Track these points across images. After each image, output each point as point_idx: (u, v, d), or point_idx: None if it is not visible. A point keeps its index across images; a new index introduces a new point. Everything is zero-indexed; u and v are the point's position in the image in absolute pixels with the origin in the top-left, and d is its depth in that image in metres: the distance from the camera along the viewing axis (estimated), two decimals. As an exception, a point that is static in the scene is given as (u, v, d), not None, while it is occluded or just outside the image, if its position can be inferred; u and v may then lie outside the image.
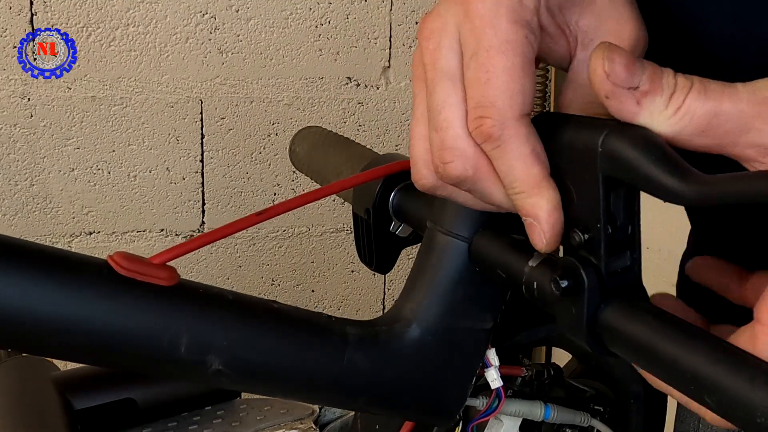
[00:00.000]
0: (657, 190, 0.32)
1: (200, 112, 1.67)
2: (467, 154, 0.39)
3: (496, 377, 0.47)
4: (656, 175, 0.32)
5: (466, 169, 0.39)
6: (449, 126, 0.39)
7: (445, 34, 0.39)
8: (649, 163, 0.32)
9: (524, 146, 0.37)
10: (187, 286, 0.41)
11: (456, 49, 0.39)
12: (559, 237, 0.38)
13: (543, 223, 0.37)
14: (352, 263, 1.84)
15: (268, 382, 0.43)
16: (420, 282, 0.46)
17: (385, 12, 1.73)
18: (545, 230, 0.37)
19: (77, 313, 0.37)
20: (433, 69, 0.40)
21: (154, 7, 1.59)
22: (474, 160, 0.39)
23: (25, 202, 1.62)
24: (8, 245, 0.37)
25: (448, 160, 0.39)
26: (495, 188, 0.39)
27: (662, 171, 0.32)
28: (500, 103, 0.37)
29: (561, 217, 0.37)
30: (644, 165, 0.33)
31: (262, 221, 0.44)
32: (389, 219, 0.57)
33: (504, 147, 0.37)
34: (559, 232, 0.38)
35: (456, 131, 0.39)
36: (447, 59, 0.39)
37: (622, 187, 0.35)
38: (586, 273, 0.36)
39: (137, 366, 0.41)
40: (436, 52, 0.40)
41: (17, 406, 0.70)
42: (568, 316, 0.37)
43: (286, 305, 0.44)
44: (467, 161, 0.39)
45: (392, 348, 0.45)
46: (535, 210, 0.37)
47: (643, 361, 0.34)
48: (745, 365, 0.30)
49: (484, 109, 0.37)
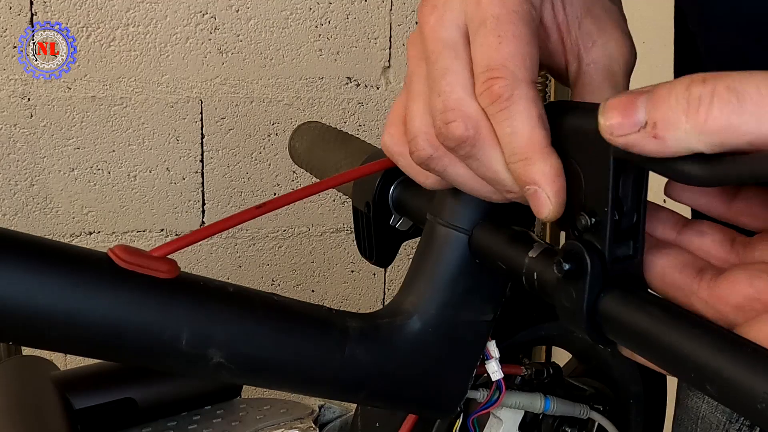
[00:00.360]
0: (671, 171, 0.32)
1: (200, 112, 1.67)
2: (470, 114, 0.39)
3: (497, 369, 0.47)
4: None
5: (468, 128, 0.39)
6: (452, 90, 0.39)
7: (448, 8, 0.40)
8: None
9: (533, 108, 0.37)
10: (188, 279, 0.41)
11: (459, 23, 0.40)
12: (563, 206, 0.37)
13: (547, 188, 0.37)
14: (352, 263, 1.84)
15: (269, 375, 0.43)
16: (420, 274, 0.46)
17: (385, 12, 1.73)
18: (550, 195, 0.37)
19: (78, 306, 0.37)
20: (434, 40, 0.40)
21: (154, 7, 1.60)
22: (476, 121, 0.39)
23: (25, 202, 1.62)
24: (9, 238, 0.37)
25: (450, 119, 0.39)
26: (494, 154, 0.39)
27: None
28: (512, 65, 0.37)
29: (564, 184, 0.37)
30: None
31: (262, 214, 0.44)
32: (389, 212, 0.57)
33: (512, 108, 0.37)
34: (563, 201, 0.37)
35: (459, 94, 0.39)
36: (449, 31, 0.40)
37: (631, 173, 0.35)
38: (590, 257, 0.36)
39: (137, 359, 0.41)
40: (438, 25, 0.40)
41: (17, 405, 0.70)
42: (567, 302, 0.37)
43: (286, 298, 0.44)
44: (469, 121, 0.39)
45: (393, 341, 0.45)
46: (538, 176, 0.37)
47: (644, 350, 0.34)
48: (746, 352, 0.30)
49: (496, 70, 0.37)
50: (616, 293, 0.36)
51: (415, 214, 0.55)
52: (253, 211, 0.44)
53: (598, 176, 0.36)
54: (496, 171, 0.39)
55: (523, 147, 0.37)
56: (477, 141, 0.39)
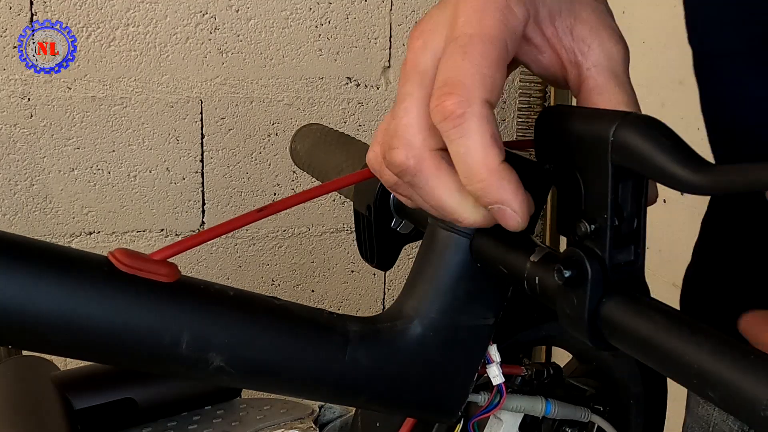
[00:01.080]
0: (668, 179, 0.32)
1: (200, 112, 1.67)
2: (413, 144, 0.39)
3: (498, 373, 0.47)
4: (668, 164, 0.32)
5: (408, 158, 0.39)
6: (405, 115, 0.39)
7: (432, 36, 0.40)
8: (661, 153, 0.32)
9: (485, 127, 0.36)
10: (188, 282, 0.41)
11: (437, 52, 0.39)
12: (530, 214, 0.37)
13: (513, 204, 0.37)
14: (352, 263, 1.84)
15: (270, 379, 0.43)
16: (421, 278, 0.46)
17: (385, 12, 1.73)
18: (516, 209, 0.37)
19: (78, 310, 0.37)
20: (411, 65, 0.40)
21: (154, 7, 1.59)
22: (418, 152, 0.39)
23: (25, 202, 1.62)
24: (8, 241, 0.37)
25: (394, 146, 0.39)
26: (437, 184, 0.39)
27: (674, 161, 0.32)
28: (469, 82, 0.36)
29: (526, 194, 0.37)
30: (656, 155, 0.33)
31: (262, 218, 0.44)
32: (390, 216, 0.57)
33: (464, 126, 0.36)
34: (530, 209, 0.37)
35: (409, 121, 0.39)
36: (425, 57, 0.39)
37: (630, 179, 0.35)
38: (590, 264, 0.36)
39: (137, 363, 0.41)
40: (419, 51, 0.40)
41: (17, 405, 0.70)
42: (569, 308, 0.37)
43: (287, 302, 0.44)
44: (411, 151, 0.39)
45: (394, 345, 0.45)
46: (500, 195, 0.37)
47: (646, 356, 0.34)
48: (748, 359, 0.30)
49: (451, 87, 0.37)
50: (618, 299, 0.36)
51: (416, 218, 0.55)
52: (254, 214, 0.44)
53: (597, 182, 0.36)
54: (440, 200, 0.39)
55: (479, 169, 0.36)
56: (418, 171, 0.39)
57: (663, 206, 1.47)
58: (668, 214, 1.46)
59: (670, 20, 1.36)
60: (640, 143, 0.33)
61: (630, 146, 0.34)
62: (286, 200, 0.45)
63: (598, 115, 0.36)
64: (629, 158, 0.34)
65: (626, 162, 0.34)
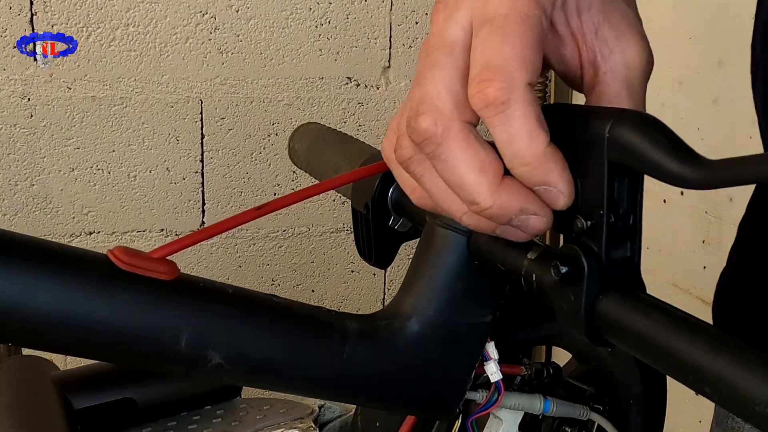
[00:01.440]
0: (664, 174, 0.32)
1: (200, 112, 1.67)
2: (442, 111, 0.37)
3: (496, 370, 0.47)
4: (663, 160, 0.32)
5: (437, 125, 0.37)
6: (432, 82, 0.38)
7: (458, 9, 0.38)
8: (656, 149, 0.33)
9: (531, 112, 0.35)
10: (187, 280, 0.41)
11: (464, 25, 0.38)
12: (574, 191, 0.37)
13: (559, 185, 0.36)
14: (352, 263, 1.84)
15: (268, 377, 0.43)
16: (419, 276, 0.46)
17: (385, 12, 1.73)
18: (564, 190, 0.36)
19: (77, 308, 0.37)
20: (436, 37, 0.39)
21: (154, 7, 1.60)
22: (447, 120, 0.37)
23: (25, 202, 1.62)
24: (8, 239, 0.37)
25: (421, 111, 0.37)
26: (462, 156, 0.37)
27: (669, 156, 0.32)
28: (511, 66, 0.35)
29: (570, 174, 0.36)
30: (652, 151, 0.33)
31: (261, 216, 0.44)
32: (388, 214, 0.57)
33: (509, 112, 0.35)
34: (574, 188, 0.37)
35: (437, 87, 0.37)
36: (453, 29, 0.38)
37: (626, 175, 0.36)
38: (587, 260, 0.36)
39: (137, 360, 0.41)
40: (444, 23, 0.39)
41: (17, 405, 0.70)
42: (566, 304, 0.37)
43: (286, 300, 0.44)
44: (439, 117, 0.37)
45: (392, 342, 0.45)
46: (549, 176, 0.36)
47: (642, 352, 0.34)
48: (744, 356, 0.30)
49: (492, 71, 0.35)
50: (614, 295, 0.36)
51: (414, 216, 0.55)
52: (252, 212, 0.44)
53: (594, 179, 0.36)
54: (461, 176, 0.37)
55: (524, 153, 0.36)
56: (443, 140, 0.37)
57: (663, 206, 1.47)
58: (668, 214, 1.46)
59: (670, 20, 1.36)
60: (635, 140, 0.33)
61: (625, 143, 0.34)
62: (285, 198, 0.45)
63: (595, 113, 0.36)
64: (625, 155, 0.34)
65: (622, 158, 0.34)
